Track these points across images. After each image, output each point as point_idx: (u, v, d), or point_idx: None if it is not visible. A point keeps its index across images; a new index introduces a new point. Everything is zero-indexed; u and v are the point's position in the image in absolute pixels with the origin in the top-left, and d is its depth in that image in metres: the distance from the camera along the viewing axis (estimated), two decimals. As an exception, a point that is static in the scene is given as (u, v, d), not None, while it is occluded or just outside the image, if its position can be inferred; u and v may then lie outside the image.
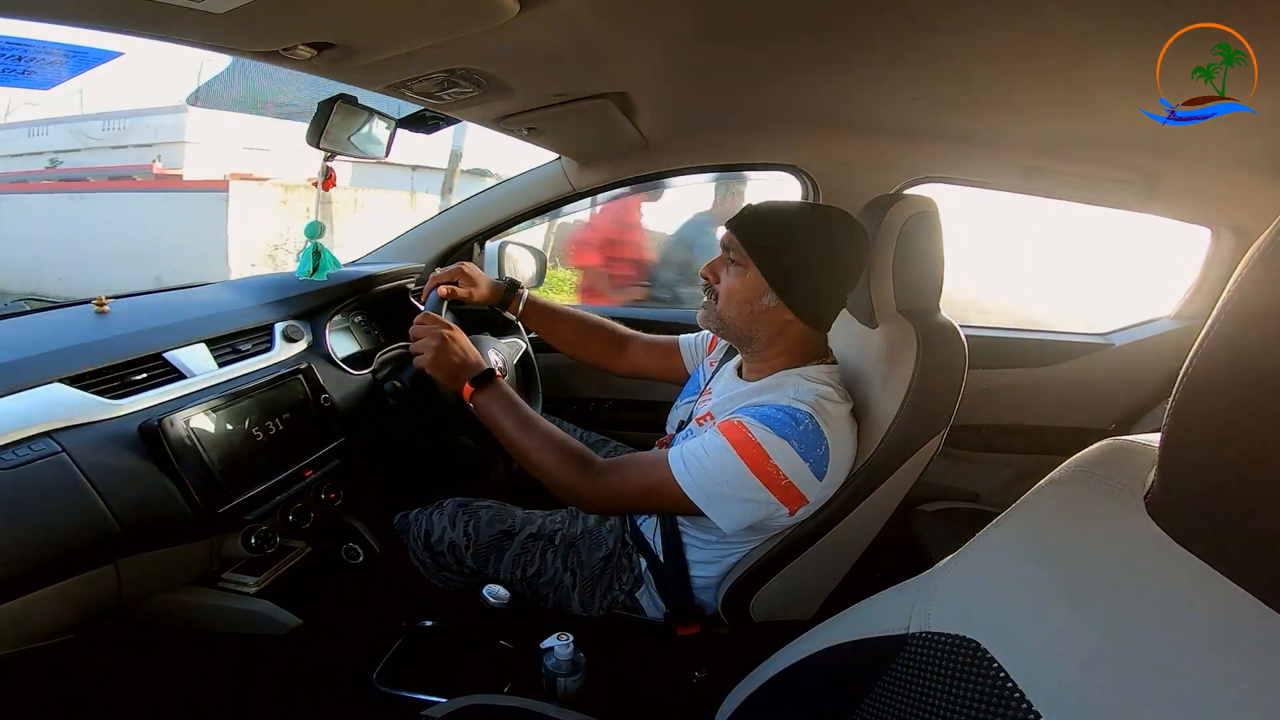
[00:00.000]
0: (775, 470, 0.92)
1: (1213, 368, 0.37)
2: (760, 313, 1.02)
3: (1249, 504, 0.37)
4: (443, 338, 1.08)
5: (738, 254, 1.02)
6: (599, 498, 1.01)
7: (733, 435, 0.94)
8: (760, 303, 1.02)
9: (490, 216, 1.80)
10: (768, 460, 0.92)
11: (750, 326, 1.04)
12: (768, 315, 1.02)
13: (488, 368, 1.09)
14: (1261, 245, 0.35)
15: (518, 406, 1.07)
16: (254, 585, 1.09)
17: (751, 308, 1.03)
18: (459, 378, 1.07)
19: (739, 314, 1.04)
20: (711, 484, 0.94)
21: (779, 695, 0.67)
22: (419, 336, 1.10)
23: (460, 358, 1.08)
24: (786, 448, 0.92)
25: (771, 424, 0.93)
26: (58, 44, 0.93)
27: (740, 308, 1.03)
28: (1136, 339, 1.83)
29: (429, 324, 1.11)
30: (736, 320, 1.05)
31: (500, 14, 0.73)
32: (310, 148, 1.29)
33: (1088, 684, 0.41)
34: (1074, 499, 0.50)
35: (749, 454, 0.92)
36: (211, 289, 1.41)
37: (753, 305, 1.02)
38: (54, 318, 1.14)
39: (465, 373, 1.08)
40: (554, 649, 1.04)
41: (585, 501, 1.03)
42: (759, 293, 1.01)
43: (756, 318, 1.03)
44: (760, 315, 1.03)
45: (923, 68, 1.05)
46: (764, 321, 1.03)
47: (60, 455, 0.85)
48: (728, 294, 1.04)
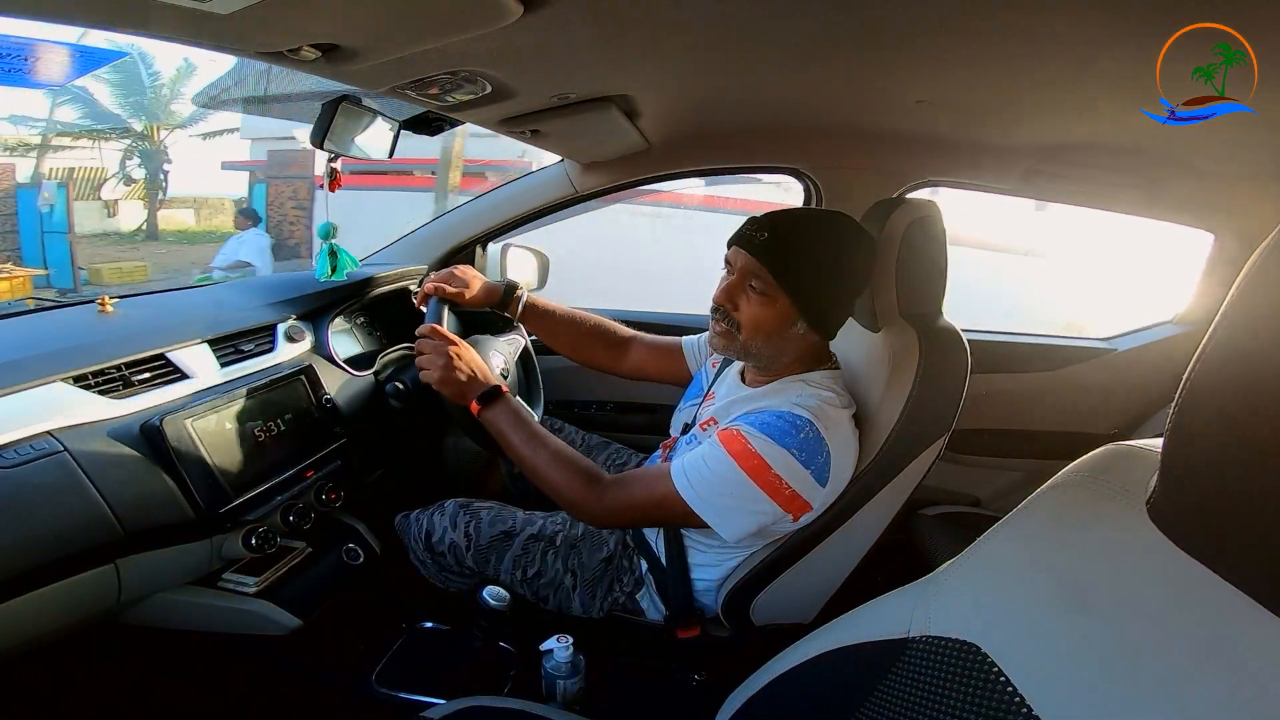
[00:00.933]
0: (778, 480, 0.92)
1: (1215, 373, 0.37)
2: (790, 340, 1.01)
3: (1251, 509, 0.37)
4: (449, 355, 1.08)
5: (764, 283, 0.98)
6: (606, 513, 1.02)
7: (733, 446, 0.93)
8: (791, 331, 1.00)
9: (493, 219, 1.80)
10: (769, 470, 0.92)
11: (778, 353, 1.03)
12: (796, 340, 1.02)
13: (494, 384, 1.09)
14: (1264, 250, 0.35)
15: (526, 423, 1.07)
16: (254, 586, 1.09)
17: (782, 337, 1.01)
18: (466, 395, 1.07)
19: (767, 344, 1.01)
20: (715, 496, 0.95)
21: (779, 699, 0.66)
22: (425, 352, 1.09)
23: (468, 374, 1.08)
24: (788, 457, 0.92)
25: (771, 433, 0.93)
26: (64, 43, 0.94)
27: (769, 339, 1.01)
28: (1139, 344, 1.83)
29: (435, 340, 1.10)
30: (764, 350, 1.02)
31: (504, 16, 0.73)
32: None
33: (1088, 688, 0.41)
34: (1076, 504, 0.50)
35: (750, 465, 0.92)
36: (214, 290, 1.42)
37: (783, 334, 1.01)
38: (57, 317, 1.15)
39: (472, 389, 1.08)
40: (554, 651, 1.04)
41: (593, 517, 1.04)
42: (790, 322, 0.99)
43: (785, 345, 1.02)
44: (789, 341, 1.02)
45: (926, 71, 1.05)
46: (791, 346, 1.02)
47: (62, 454, 0.85)
48: (754, 325, 1.00)
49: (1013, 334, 1.90)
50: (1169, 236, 1.80)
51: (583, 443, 1.55)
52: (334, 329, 1.39)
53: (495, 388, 1.08)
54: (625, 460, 1.48)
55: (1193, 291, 1.84)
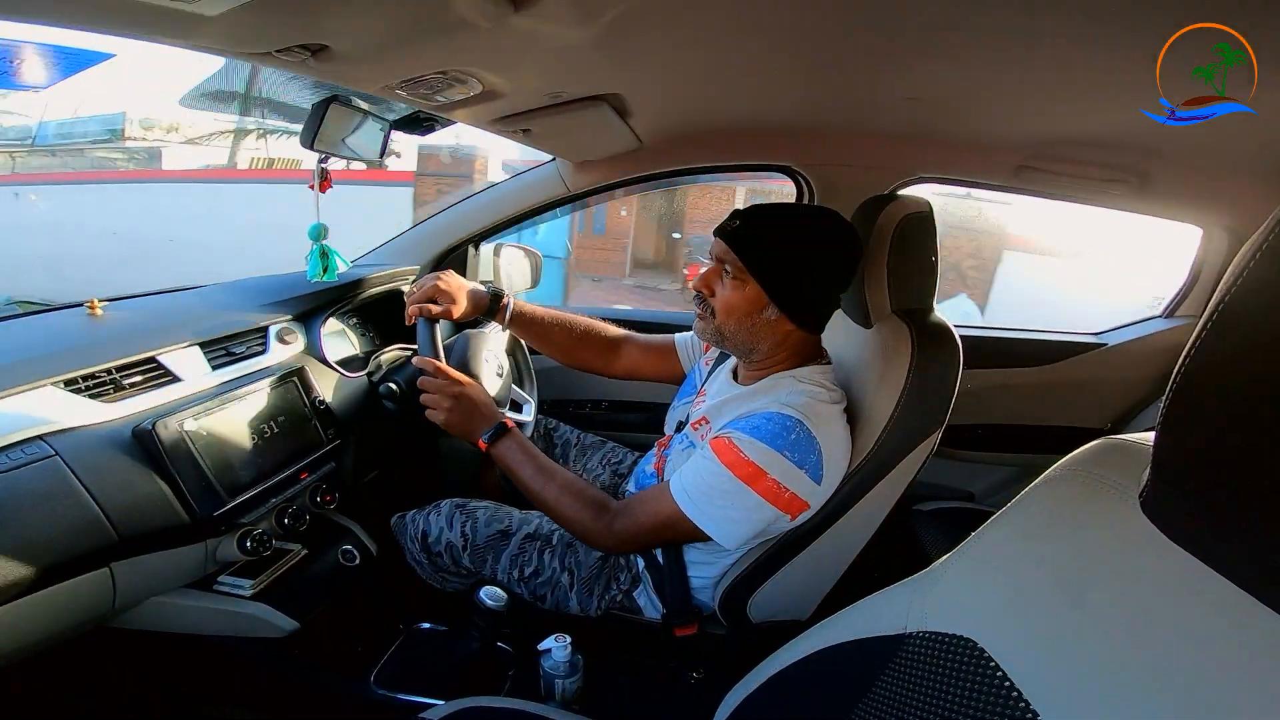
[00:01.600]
0: (775, 484, 0.93)
1: (1206, 366, 0.37)
2: (762, 325, 1.02)
3: (1243, 502, 0.37)
4: (454, 395, 1.09)
5: (735, 268, 1.00)
6: (618, 542, 1.03)
7: (727, 456, 0.94)
8: (761, 316, 1.01)
9: (485, 218, 1.79)
10: (764, 475, 0.93)
11: (752, 339, 1.04)
12: (769, 327, 1.02)
13: (500, 420, 1.10)
14: (1253, 244, 0.35)
15: (534, 456, 1.08)
16: (250, 588, 1.09)
17: (753, 321, 1.02)
18: (474, 433, 1.08)
19: (739, 328, 1.03)
20: (715, 509, 0.96)
21: (777, 696, 0.67)
22: (428, 390, 1.10)
23: (474, 413, 1.09)
24: (781, 459, 0.93)
25: (763, 437, 0.93)
26: (50, 45, 0.93)
27: (741, 322, 1.02)
28: (1130, 339, 1.84)
29: (439, 380, 1.10)
30: (738, 334, 1.04)
31: (495, 15, 0.73)
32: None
33: (1084, 682, 0.42)
34: (1069, 498, 0.50)
35: (745, 473, 0.93)
36: (205, 291, 1.40)
37: (754, 319, 1.02)
38: (47, 320, 1.14)
39: (480, 428, 1.09)
40: (552, 650, 1.04)
41: (605, 546, 1.05)
42: (759, 306, 1.01)
43: (758, 330, 1.03)
44: (762, 327, 1.02)
45: (916, 68, 1.05)
46: (765, 333, 1.03)
47: (53, 459, 0.84)
48: (726, 308, 1.03)
49: (1004, 329, 1.91)
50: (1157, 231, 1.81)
51: (578, 442, 1.55)
52: (326, 330, 1.38)
53: (502, 424, 1.09)
54: (621, 459, 1.48)
55: (1182, 286, 1.86)
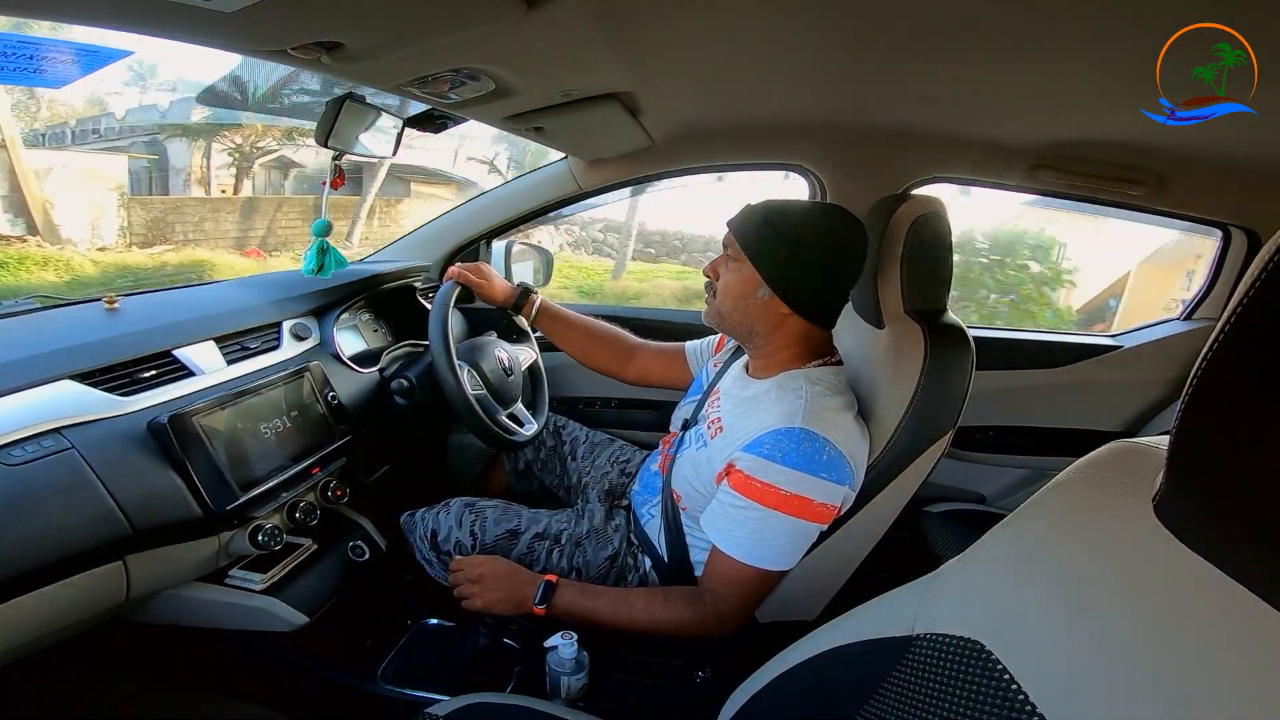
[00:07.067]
0: (809, 502, 0.94)
1: (1223, 370, 0.37)
2: (755, 306, 1.04)
3: (1257, 507, 0.37)
4: (477, 579, 1.08)
5: (734, 250, 1.06)
6: (721, 620, 1.01)
7: (758, 495, 0.95)
8: (754, 296, 1.04)
9: (497, 216, 1.80)
10: (795, 497, 0.94)
11: (747, 320, 1.06)
12: (762, 308, 1.04)
13: (542, 580, 1.07)
14: (1274, 246, 0.34)
15: (593, 590, 1.07)
16: (261, 582, 1.10)
17: (746, 301, 1.05)
18: (524, 604, 1.06)
19: (735, 307, 1.06)
20: (769, 549, 0.97)
21: (783, 696, 0.66)
22: (457, 584, 1.10)
23: (509, 583, 1.08)
24: (805, 478, 0.94)
25: (780, 459, 0.94)
26: (69, 43, 0.94)
27: (736, 301, 1.06)
28: (1146, 341, 1.82)
29: (459, 572, 1.11)
30: (734, 314, 1.07)
31: (508, 13, 0.73)
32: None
33: (1092, 686, 0.41)
34: (1081, 501, 0.50)
35: (776, 502, 0.94)
36: (220, 287, 1.42)
37: (747, 299, 1.05)
38: (64, 315, 1.15)
39: (526, 597, 1.06)
40: (558, 648, 1.04)
41: (716, 632, 1.02)
42: (753, 286, 1.04)
43: (752, 311, 1.05)
44: (755, 308, 1.05)
45: (932, 67, 1.04)
46: (760, 315, 1.05)
47: (70, 452, 0.86)
48: (724, 289, 1.08)
49: (1018, 330, 1.90)
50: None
51: (586, 440, 1.55)
52: (339, 326, 1.39)
53: (546, 583, 1.06)
54: (629, 458, 1.49)
55: (1200, 288, 1.83)
